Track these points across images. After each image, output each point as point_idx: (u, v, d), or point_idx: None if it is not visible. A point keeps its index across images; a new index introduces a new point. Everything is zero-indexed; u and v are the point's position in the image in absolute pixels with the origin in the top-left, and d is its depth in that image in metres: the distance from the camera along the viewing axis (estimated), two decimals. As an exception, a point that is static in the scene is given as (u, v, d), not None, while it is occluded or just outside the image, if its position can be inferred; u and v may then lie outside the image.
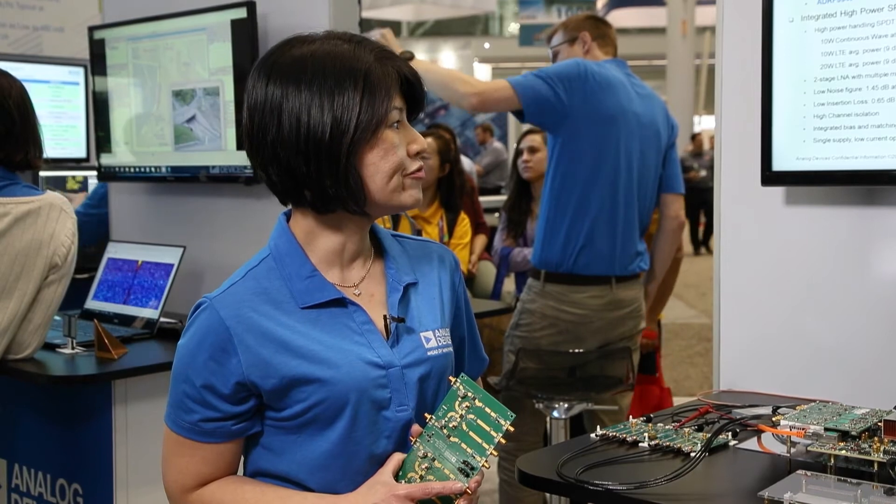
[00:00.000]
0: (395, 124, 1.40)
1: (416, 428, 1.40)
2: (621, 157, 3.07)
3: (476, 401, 1.37)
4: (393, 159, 1.38)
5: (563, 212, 3.08)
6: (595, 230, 3.06)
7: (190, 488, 1.43)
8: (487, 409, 1.36)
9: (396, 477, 1.37)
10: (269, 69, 1.39)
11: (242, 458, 1.48)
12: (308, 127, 1.35)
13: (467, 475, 1.34)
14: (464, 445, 1.35)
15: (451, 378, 1.41)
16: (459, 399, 1.38)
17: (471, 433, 1.35)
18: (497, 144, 12.31)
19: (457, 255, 1.62)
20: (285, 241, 1.44)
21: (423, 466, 1.36)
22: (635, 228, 3.16)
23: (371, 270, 1.48)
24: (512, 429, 1.35)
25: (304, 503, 1.38)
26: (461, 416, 1.36)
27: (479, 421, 1.35)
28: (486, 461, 1.34)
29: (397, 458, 1.39)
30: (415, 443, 1.39)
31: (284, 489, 1.41)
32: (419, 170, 1.42)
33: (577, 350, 3.12)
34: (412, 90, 1.43)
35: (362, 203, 1.39)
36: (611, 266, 3.11)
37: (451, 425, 1.37)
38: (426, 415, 1.40)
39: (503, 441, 1.35)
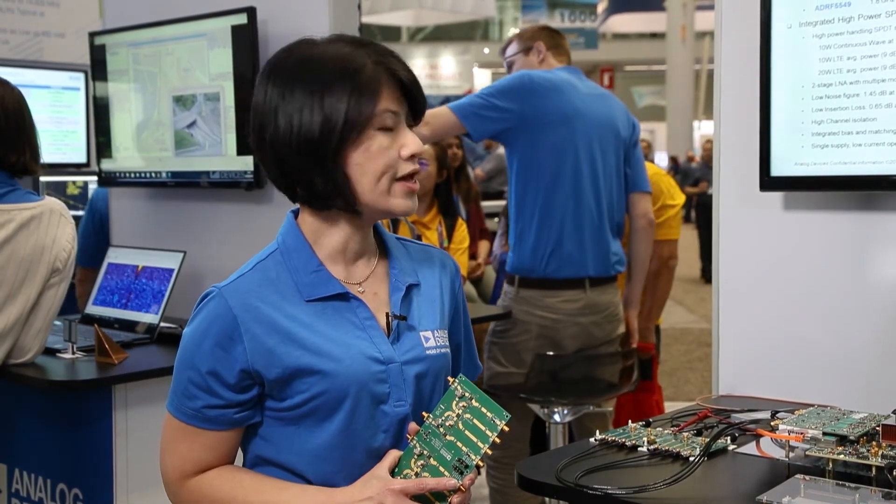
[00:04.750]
0: (388, 127, 1.41)
1: (413, 426, 1.42)
2: (581, 158, 3.07)
3: (473, 401, 1.40)
4: (380, 161, 1.40)
5: (529, 218, 3.08)
6: (563, 233, 3.06)
7: (189, 474, 1.45)
8: (483, 409, 1.38)
9: (393, 473, 1.39)
10: (270, 71, 1.44)
11: (241, 448, 1.49)
12: (300, 127, 1.38)
13: (462, 472, 1.36)
14: (459, 444, 1.38)
15: (449, 378, 1.44)
16: (457, 399, 1.40)
17: (466, 432, 1.38)
18: (501, 150, 12.31)
19: (456, 261, 1.64)
20: (293, 237, 1.47)
21: (419, 464, 1.39)
22: (605, 228, 3.14)
23: (375, 270, 1.51)
24: (507, 428, 1.37)
25: (301, 494, 1.39)
26: (458, 416, 1.39)
27: (475, 420, 1.38)
28: (479, 459, 1.37)
29: (394, 454, 1.41)
30: (412, 441, 1.41)
31: (282, 481, 1.42)
32: (411, 175, 1.43)
33: (574, 352, 3.12)
34: (411, 94, 1.44)
35: (352, 202, 1.42)
36: (583, 267, 3.09)
37: (447, 424, 1.39)
38: (424, 413, 1.42)
39: (498, 440, 1.37)
